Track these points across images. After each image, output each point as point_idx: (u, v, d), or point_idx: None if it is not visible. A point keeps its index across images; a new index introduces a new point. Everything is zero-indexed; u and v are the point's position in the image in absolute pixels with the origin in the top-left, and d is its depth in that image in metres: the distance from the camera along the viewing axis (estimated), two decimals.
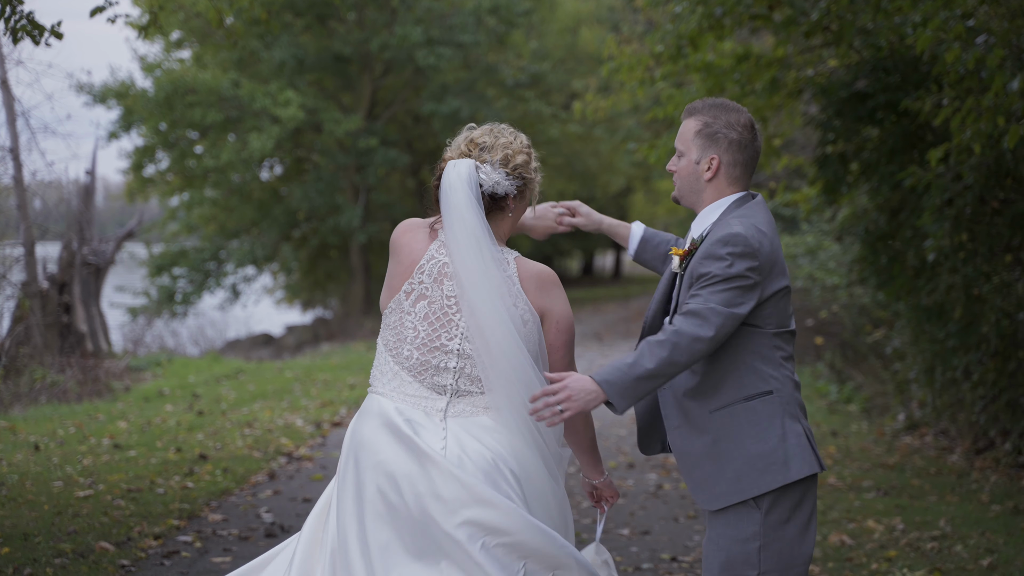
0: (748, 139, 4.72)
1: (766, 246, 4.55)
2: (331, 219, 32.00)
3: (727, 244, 4.50)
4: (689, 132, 4.74)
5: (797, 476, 4.54)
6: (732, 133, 4.69)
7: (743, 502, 4.58)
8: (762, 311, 4.59)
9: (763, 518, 4.57)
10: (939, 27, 9.25)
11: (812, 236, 20.53)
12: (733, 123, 4.70)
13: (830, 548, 8.82)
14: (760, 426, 4.57)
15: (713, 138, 4.70)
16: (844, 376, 17.59)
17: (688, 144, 4.74)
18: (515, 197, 4.76)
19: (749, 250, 4.49)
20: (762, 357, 4.61)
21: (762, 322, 4.60)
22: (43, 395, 15.95)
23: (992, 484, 10.90)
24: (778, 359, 4.64)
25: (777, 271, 4.61)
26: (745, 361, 4.59)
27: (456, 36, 31.33)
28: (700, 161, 4.72)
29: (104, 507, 9.51)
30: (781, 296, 4.63)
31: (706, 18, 12.36)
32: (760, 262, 4.52)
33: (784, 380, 4.63)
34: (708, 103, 4.77)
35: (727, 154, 4.70)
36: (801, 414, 4.67)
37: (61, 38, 8.93)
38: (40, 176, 17.61)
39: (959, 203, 11.06)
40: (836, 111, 12.40)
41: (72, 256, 19.02)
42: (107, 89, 30.39)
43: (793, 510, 4.62)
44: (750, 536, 4.58)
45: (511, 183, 4.72)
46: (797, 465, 4.56)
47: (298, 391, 17.55)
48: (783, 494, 4.59)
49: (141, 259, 33.61)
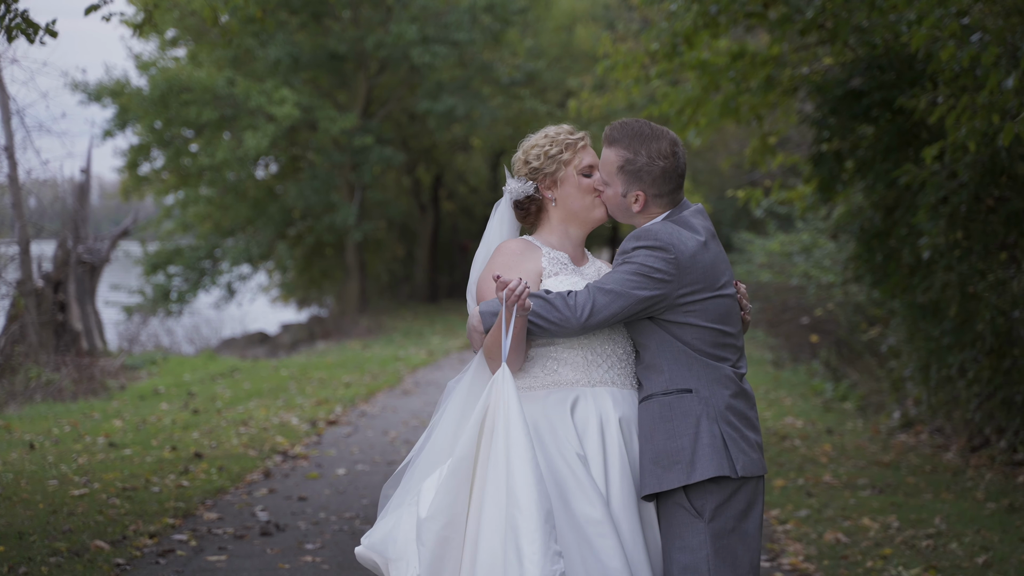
0: (671, 166, 4.74)
1: (684, 245, 4.61)
2: (326, 217, 31.99)
3: (637, 238, 4.65)
4: (611, 165, 4.76)
5: (701, 477, 4.54)
6: (655, 168, 4.72)
7: (686, 511, 4.61)
8: (686, 309, 4.64)
9: (706, 526, 4.60)
10: (934, 25, 9.25)
11: (807, 234, 20.53)
12: (655, 155, 4.72)
13: (825, 546, 8.82)
14: (673, 423, 4.59)
15: (637, 175, 4.73)
16: (839, 374, 17.60)
17: (612, 177, 4.78)
18: (534, 194, 4.91)
19: (659, 244, 4.59)
20: (686, 356, 4.64)
21: (686, 320, 4.64)
22: (38, 394, 15.94)
23: (987, 482, 10.91)
24: (705, 360, 4.65)
25: (703, 272, 4.64)
26: (666, 358, 4.64)
27: (451, 34, 31.32)
28: (627, 195, 4.76)
29: (99, 506, 9.51)
30: (713, 298, 4.66)
31: (701, 16, 12.35)
32: (674, 256, 4.58)
33: (710, 381, 4.63)
34: (627, 131, 4.76)
35: (652, 188, 4.74)
36: (732, 416, 4.64)
37: (56, 36, 8.92)
38: (35, 174, 17.60)
39: (954, 201, 11.07)
40: (831, 109, 12.40)
41: (67, 254, 19.00)
42: (102, 87, 30.35)
43: (739, 519, 4.65)
44: (696, 546, 4.60)
45: (521, 185, 4.90)
46: (703, 466, 4.55)
47: (293, 389, 17.55)
48: (728, 504, 4.61)
49: (136, 257, 33.59)
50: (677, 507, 4.64)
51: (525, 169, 4.91)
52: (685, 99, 13.43)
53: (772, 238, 22.48)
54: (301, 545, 8.75)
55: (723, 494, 4.61)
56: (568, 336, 4.67)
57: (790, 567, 8.38)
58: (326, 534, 9.12)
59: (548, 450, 4.61)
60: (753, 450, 4.67)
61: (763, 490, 4.72)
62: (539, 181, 4.90)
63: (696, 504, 4.60)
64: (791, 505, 10.21)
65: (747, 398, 4.73)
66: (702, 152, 35.57)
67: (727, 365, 4.68)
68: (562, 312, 4.58)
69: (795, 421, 14.82)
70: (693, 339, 4.64)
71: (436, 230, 40.08)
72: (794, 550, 8.77)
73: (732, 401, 4.65)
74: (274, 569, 8.15)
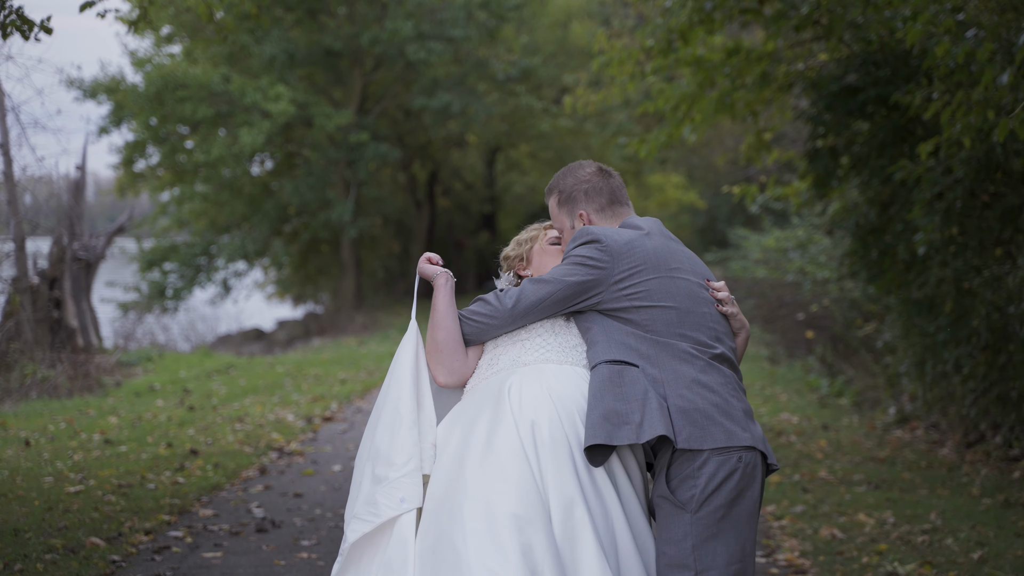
0: (599, 182, 5.11)
1: (619, 235, 4.87)
2: (322, 214, 31.99)
3: (575, 239, 4.95)
4: (554, 209, 5.17)
5: (649, 436, 4.57)
6: (583, 186, 5.09)
7: (670, 503, 4.65)
8: (629, 293, 4.80)
9: (691, 518, 4.63)
10: (929, 21, 9.26)
11: (803, 230, 20.56)
12: (580, 178, 5.11)
13: (821, 542, 8.83)
14: (624, 387, 4.67)
15: (571, 200, 5.10)
16: (835, 370, 17.62)
17: (560, 219, 5.15)
18: (518, 282, 5.30)
19: (592, 237, 4.87)
20: (635, 337, 4.77)
21: (632, 304, 4.79)
22: (33, 390, 15.93)
23: (983, 477, 10.92)
24: (656, 339, 4.75)
25: (644, 256, 4.83)
26: (614, 339, 4.80)
27: (447, 30, 31.31)
28: (574, 224, 5.10)
29: (95, 502, 9.50)
30: (661, 278, 4.81)
31: (696, 12, 12.36)
32: (607, 244, 4.83)
33: (665, 358, 4.72)
34: (555, 177, 5.20)
35: (589, 204, 5.09)
36: (691, 392, 4.67)
37: (51, 33, 8.91)
38: (30, 171, 17.56)
39: (949, 197, 11.07)
40: (826, 105, 12.41)
41: (62, 251, 18.99)
42: (97, 84, 30.33)
43: (729, 507, 4.66)
44: (680, 537, 4.63)
45: (506, 278, 5.33)
46: (650, 426, 4.59)
47: (289, 386, 17.55)
48: (712, 498, 4.63)
49: (132, 254, 33.59)
50: (662, 500, 4.68)
51: (504, 265, 5.38)
52: (680, 95, 13.44)
53: (767, 234, 22.51)
54: (297, 541, 8.75)
55: (706, 473, 4.62)
56: (505, 327, 4.97)
57: (786, 563, 8.39)
58: (322, 530, 9.12)
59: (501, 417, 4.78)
60: (727, 423, 4.67)
61: (759, 474, 4.72)
62: (515, 267, 5.33)
63: (681, 497, 4.63)
64: (787, 501, 10.21)
65: (720, 374, 4.75)
66: (697, 148, 35.61)
67: (686, 343, 4.74)
68: (493, 304, 4.95)
69: (791, 417, 14.84)
70: (645, 320, 4.77)
71: (432, 226, 40.06)
72: (790, 546, 8.78)
73: (698, 376, 4.70)
74: (270, 566, 8.15)
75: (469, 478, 4.62)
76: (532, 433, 4.68)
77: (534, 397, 4.75)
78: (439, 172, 40.45)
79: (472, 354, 5.04)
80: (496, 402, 4.78)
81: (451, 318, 4.99)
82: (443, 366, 4.99)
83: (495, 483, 4.59)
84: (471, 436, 4.73)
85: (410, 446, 4.82)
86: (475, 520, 4.52)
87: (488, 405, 4.79)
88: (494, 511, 4.53)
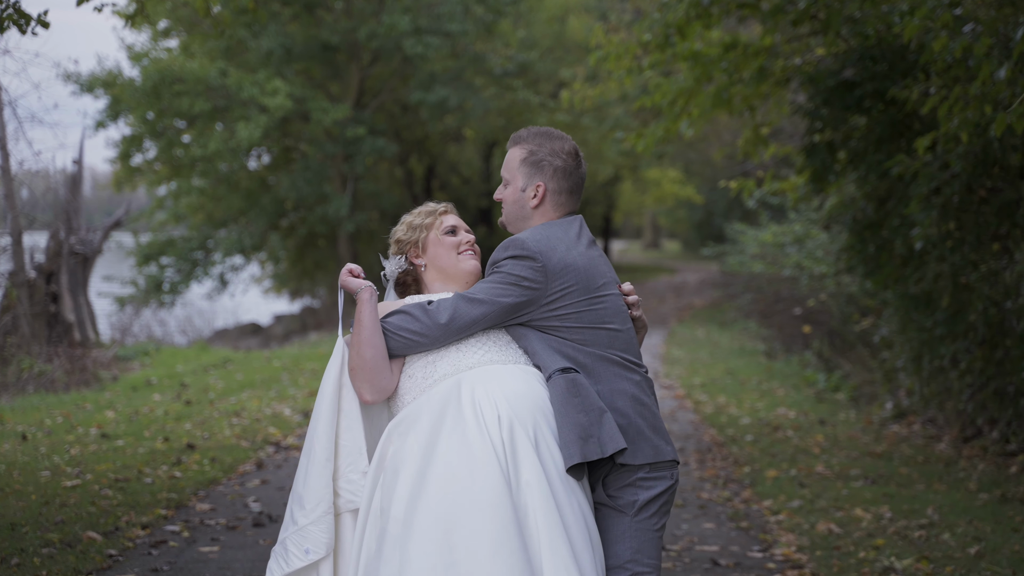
0: (572, 166, 4.90)
1: (553, 253, 4.72)
2: (319, 208, 31.96)
3: (506, 248, 4.77)
4: (515, 160, 4.93)
5: (612, 451, 4.56)
6: (557, 160, 4.88)
7: (612, 510, 4.68)
8: (560, 313, 4.72)
9: (631, 520, 4.67)
10: (926, 16, 9.26)
11: (800, 225, 20.55)
12: (558, 151, 4.89)
13: (818, 536, 8.83)
14: (582, 398, 4.62)
15: (538, 166, 4.88)
16: (832, 365, 17.62)
17: (514, 172, 4.93)
18: (408, 267, 5.17)
19: (526, 253, 4.71)
20: (572, 348, 4.72)
21: (562, 324, 4.73)
22: (31, 385, 15.93)
23: (980, 472, 10.93)
24: (591, 350, 4.72)
25: (575, 276, 4.72)
26: (553, 349, 4.73)
27: (444, 25, 31.27)
28: (526, 189, 4.90)
29: (92, 497, 9.50)
30: (589, 300, 4.73)
31: (693, 7, 12.35)
32: (541, 264, 4.69)
33: (600, 383, 4.70)
34: (533, 132, 4.95)
35: (552, 181, 4.88)
36: (618, 416, 4.68)
37: (48, 27, 8.90)
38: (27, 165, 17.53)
39: (946, 192, 11.07)
40: (824, 100, 12.41)
41: (59, 245, 18.98)
42: (94, 78, 30.28)
43: (663, 506, 4.73)
44: (619, 536, 4.68)
45: (395, 262, 5.18)
46: (611, 440, 4.58)
47: (286, 380, 17.54)
48: (648, 505, 4.68)
49: (129, 248, 33.54)
50: (599, 505, 4.72)
51: (395, 247, 5.19)
52: (678, 90, 13.43)
53: (765, 229, 22.49)
54: None
55: (643, 485, 4.68)
56: (435, 345, 4.79)
57: (782, 558, 8.39)
58: None
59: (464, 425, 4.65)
60: (655, 438, 4.72)
61: (671, 488, 4.76)
62: (408, 252, 5.16)
63: (620, 502, 4.69)
64: (783, 496, 10.22)
65: (651, 390, 4.81)
66: (695, 143, 35.58)
67: (620, 359, 4.75)
68: (422, 320, 4.75)
69: (788, 412, 14.85)
70: (577, 338, 4.73)
71: None
72: (786, 541, 8.78)
73: (635, 392, 4.73)
74: (266, 560, 8.13)
75: (435, 501, 4.48)
76: (500, 432, 4.57)
77: (492, 398, 4.63)
78: (436, 167, 40.44)
79: (395, 367, 4.87)
80: (454, 408, 4.65)
81: (379, 335, 4.81)
82: (370, 384, 4.80)
83: (468, 509, 4.46)
84: (433, 450, 4.58)
85: (320, 487, 4.74)
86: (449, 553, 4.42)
87: (445, 413, 4.64)
88: (468, 541, 4.42)
